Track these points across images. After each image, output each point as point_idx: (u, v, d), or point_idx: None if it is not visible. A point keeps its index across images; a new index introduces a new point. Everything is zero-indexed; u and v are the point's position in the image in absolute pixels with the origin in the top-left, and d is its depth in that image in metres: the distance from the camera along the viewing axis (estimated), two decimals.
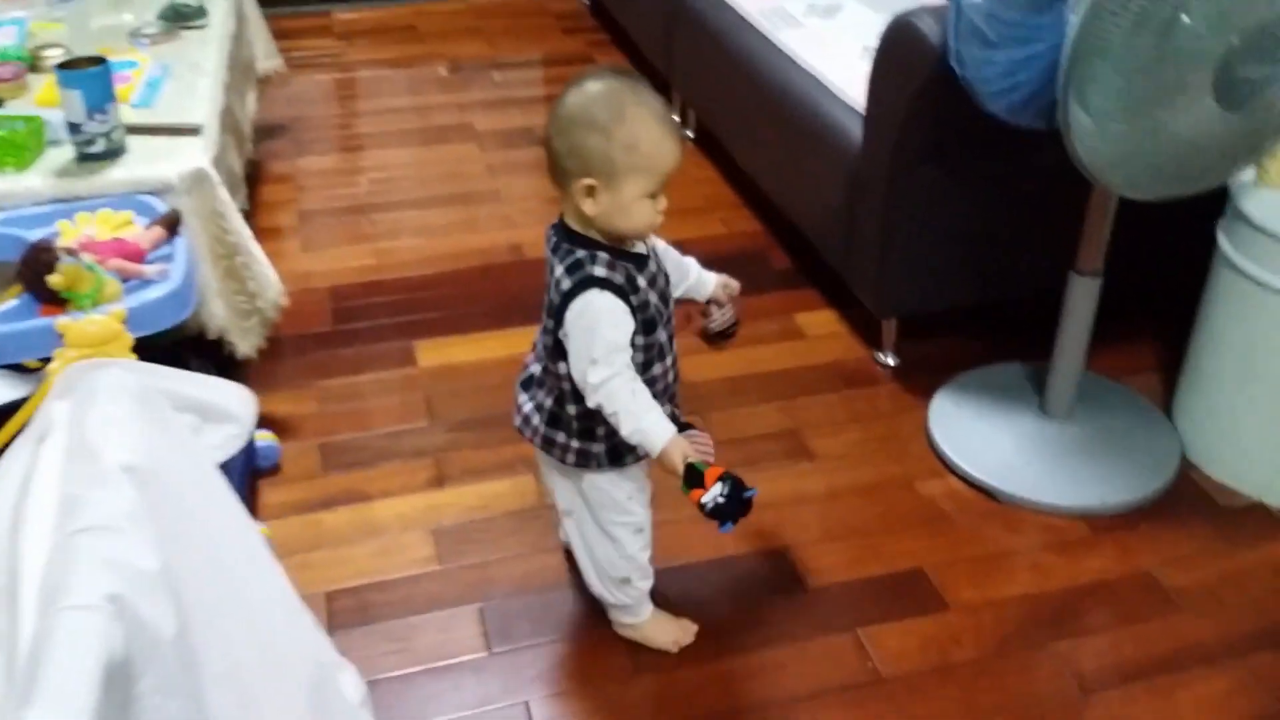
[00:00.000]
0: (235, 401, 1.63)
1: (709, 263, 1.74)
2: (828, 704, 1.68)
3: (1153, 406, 2.26)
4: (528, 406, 1.63)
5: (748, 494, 1.42)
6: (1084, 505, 2.03)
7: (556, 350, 1.52)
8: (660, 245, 1.64)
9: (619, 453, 1.56)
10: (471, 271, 2.72)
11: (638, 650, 1.75)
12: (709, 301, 1.74)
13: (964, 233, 2.26)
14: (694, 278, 1.70)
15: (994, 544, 1.97)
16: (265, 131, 3.26)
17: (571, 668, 1.73)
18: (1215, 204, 2.03)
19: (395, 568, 1.90)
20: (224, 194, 2.08)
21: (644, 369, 1.52)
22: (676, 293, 1.66)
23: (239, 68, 2.78)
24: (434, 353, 2.42)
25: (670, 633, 1.76)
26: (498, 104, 3.58)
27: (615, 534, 1.65)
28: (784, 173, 2.64)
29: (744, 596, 1.86)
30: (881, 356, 2.41)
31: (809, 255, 2.63)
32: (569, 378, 1.51)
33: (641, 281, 1.49)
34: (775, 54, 2.64)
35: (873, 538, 1.98)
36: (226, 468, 1.61)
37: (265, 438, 2.09)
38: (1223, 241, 2.02)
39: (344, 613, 1.81)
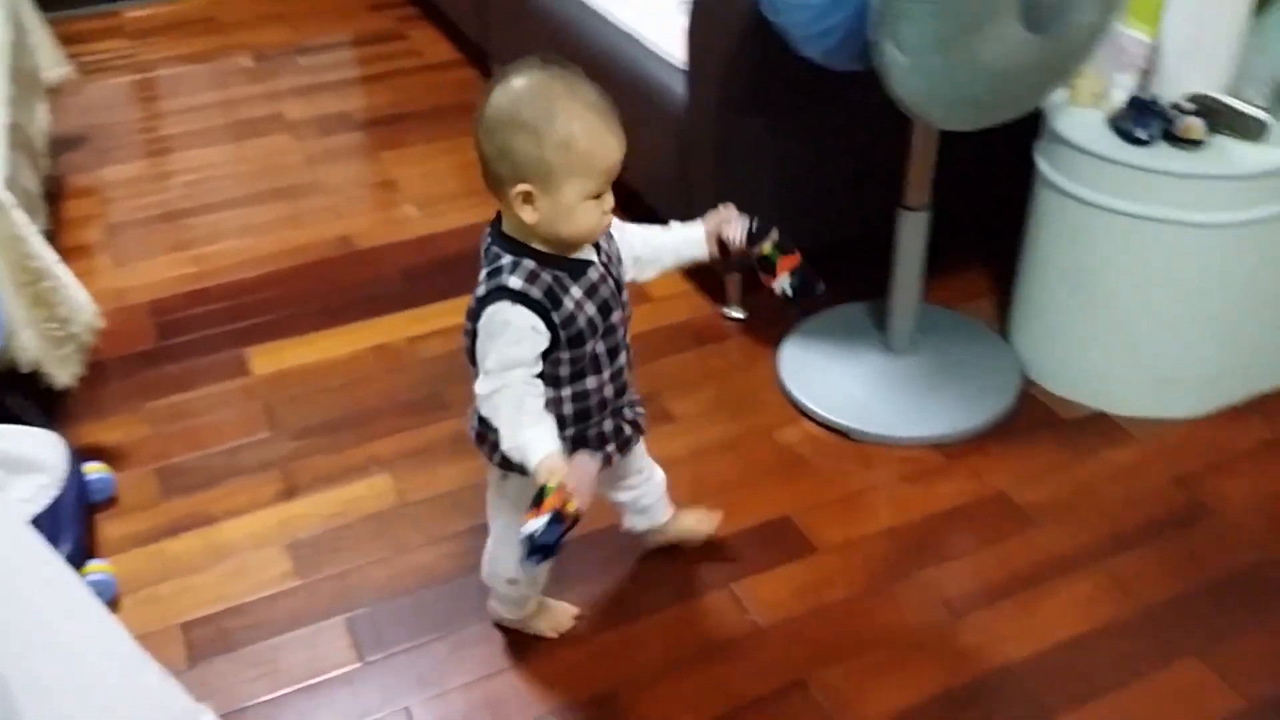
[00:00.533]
0: (43, 449, 1.52)
1: None
2: (711, 662, 1.68)
3: (991, 330, 2.32)
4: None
5: (558, 540, 1.31)
6: (935, 434, 2.07)
7: (473, 351, 1.45)
8: (630, 231, 1.52)
9: None
10: (300, 269, 2.61)
11: (517, 639, 1.72)
12: (718, 237, 1.54)
13: (796, 180, 2.27)
14: (677, 242, 1.56)
15: (854, 482, 2.00)
16: (61, 144, 3.07)
17: (451, 666, 1.69)
18: (1032, 127, 2.08)
19: (252, 589, 1.82)
20: (21, 217, 1.94)
21: (574, 380, 1.45)
22: (653, 273, 1.56)
23: (23, 79, 2.60)
24: (269, 359, 2.32)
25: (548, 619, 1.73)
26: (309, 90, 3.44)
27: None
28: None
29: (618, 567, 1.84)
30: (729, 311, 2.41)
31: (648, 217, 2.60)
32: None
33: (575, 292, 1.40)
34: (590, 16, 2.60)
35: (738, 491, 1.98)
36: (54, 511, 1.51)
37: (96, 469, 1.97)
38: (1041, 163, 2.08)
39: (202, 643, 1.73)
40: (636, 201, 2.62)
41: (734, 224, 1.54)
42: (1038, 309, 2.19)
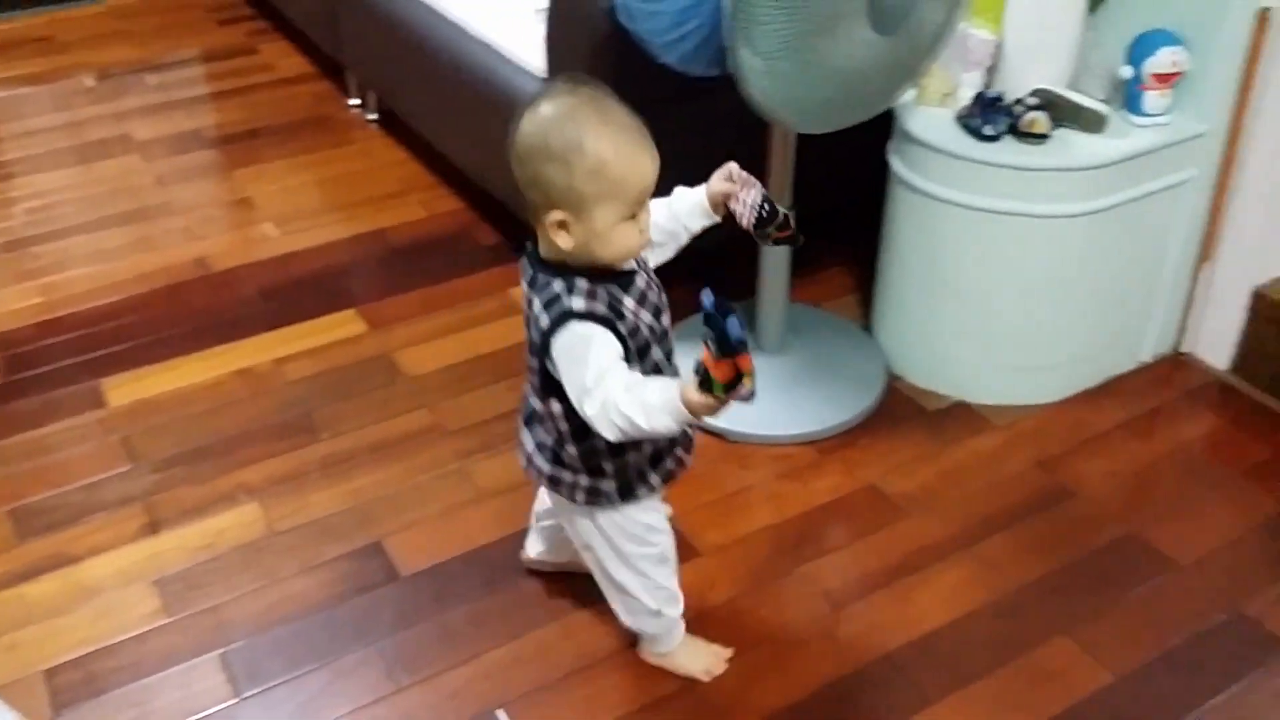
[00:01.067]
0: None
1: (412, 248, 1.67)
2: (598, 672, 1.68)
3: (856, 327, 2.37)
4: (530, 445, 1.52)
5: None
6: (808, 431, 2.10)
7: (545, 389, 1.41)
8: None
9: (630, 487, 1.48)
10: (155, 294, 2.52)
11: (397, 663, 1.69)
12: (725, 205, 1.50)
13: (660, 187, 2.28)
14: (684, 216, 1.51)
15: (732, 483, 2.02)
16: None
17: (330, 696, 1.65)
18: (885, 128, 2.13)
19: (119, 629, 1.75)
20: None
21: None
22: (673, 252, 1.53)
23: None
24: (126, 389, 2.23)
25: (701, 660, 1.68)
26: (157, 109, 3.33)
27: (640, 567, 1.56)
28: (475, 148, 2.59)
29: (500, 585, 1.82)
30: None
31: (515, 228, 2.60)
32: (565, 417, 1.42)
33: (629, 303, 1.37)
34: (445, 24, 2.57)
35: None
36: None
37: None
38: (894, 162, 2.13)
39: (69, 688, 1.65)
40: (505, 212, 2.61)
41: (743, 201, 1.49)
42: (898, 304, 2.24)
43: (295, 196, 2.88)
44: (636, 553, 1.56)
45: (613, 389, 1.30)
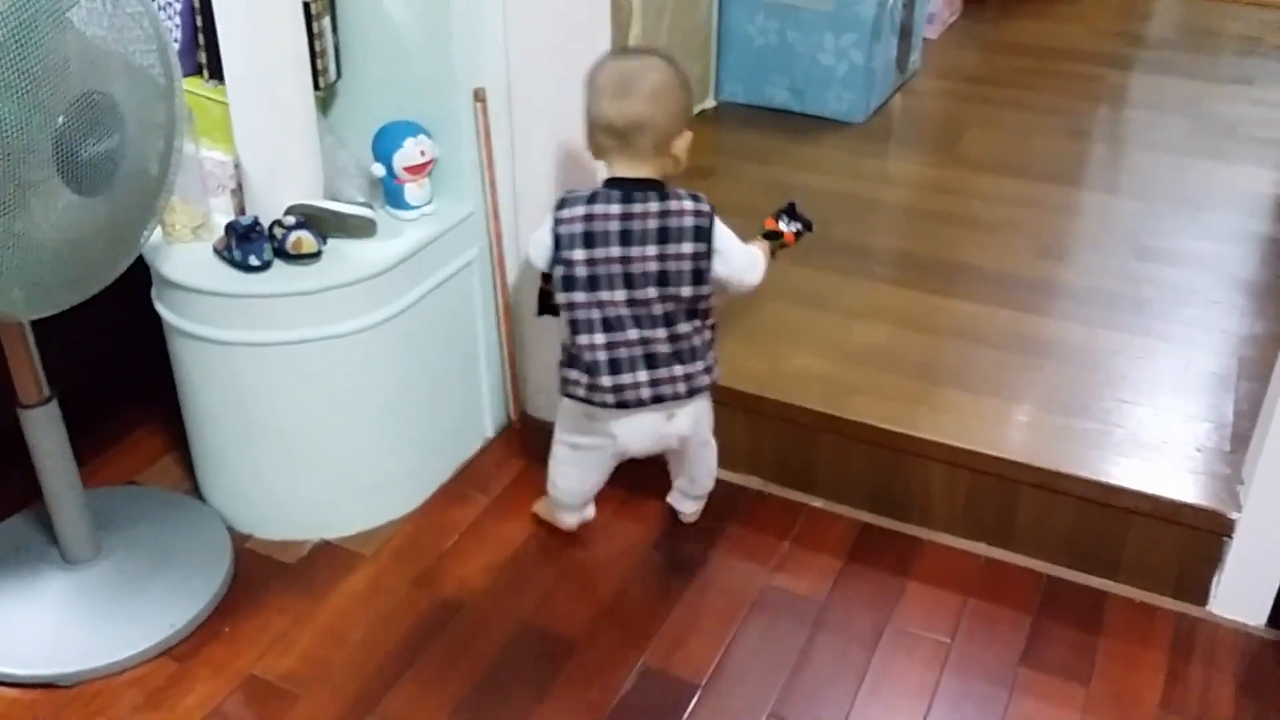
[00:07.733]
0: None
1: None
2: None
3: (183, 495, 2.08)
4: (679, 381, 1.75)
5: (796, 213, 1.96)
6: (159, 640, 1.78)
7: (698, 277, 1.72)
8: None
9: None
10: None
11: None
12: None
13: None
14: None
15: None
16: None
17: None
18: (148, 275, 1.87)
19: None
20: None
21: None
22: None
23: None
24: None
25: None
26: None
27: None
28: None
29: None
30: None
31: None
32: (705, 314, 1.77)
33: None
34: None
35: None
36: None
37: None
38: (164, 311, 1.88)
39: None
40: None
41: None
42: (218, 460, 1.99)
43: None
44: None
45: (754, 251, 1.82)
